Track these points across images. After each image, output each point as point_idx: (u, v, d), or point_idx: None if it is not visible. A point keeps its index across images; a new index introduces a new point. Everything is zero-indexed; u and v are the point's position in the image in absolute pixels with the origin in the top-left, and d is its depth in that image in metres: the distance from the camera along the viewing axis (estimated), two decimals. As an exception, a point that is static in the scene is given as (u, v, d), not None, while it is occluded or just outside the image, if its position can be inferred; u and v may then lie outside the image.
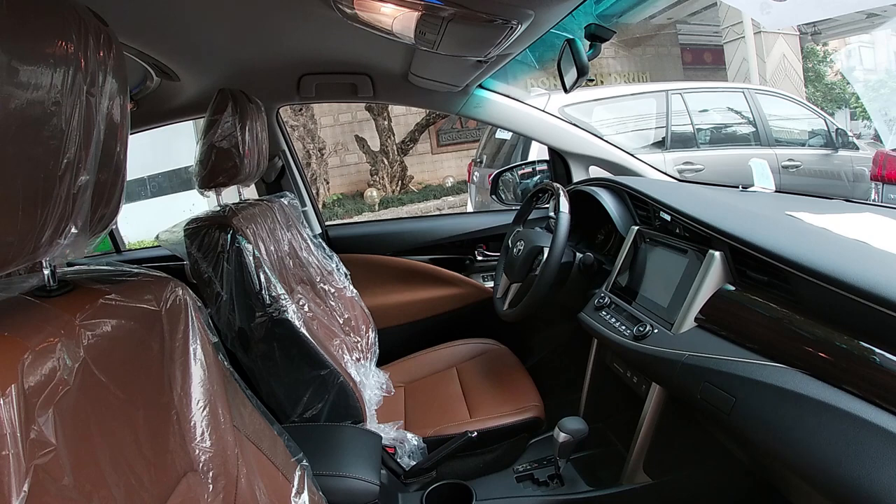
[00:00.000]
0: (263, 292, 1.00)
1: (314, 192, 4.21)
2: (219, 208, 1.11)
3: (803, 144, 4.12)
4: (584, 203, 1.34)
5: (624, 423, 1.16)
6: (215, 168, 1.07)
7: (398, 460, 1.14)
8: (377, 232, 1.79)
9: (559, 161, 1.68)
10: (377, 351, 1.42)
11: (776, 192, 1.38)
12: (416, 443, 1.17)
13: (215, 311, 1.02)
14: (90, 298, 0.48)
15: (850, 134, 4.25)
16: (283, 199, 1.34)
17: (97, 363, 0.45)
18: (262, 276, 1.00)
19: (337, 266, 1.45)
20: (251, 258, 1.00)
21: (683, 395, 0.86)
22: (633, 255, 1.15)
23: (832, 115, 5.96)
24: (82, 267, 0.55)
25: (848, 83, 8.23)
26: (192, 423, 0.55)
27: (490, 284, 1.70)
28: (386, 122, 7.62)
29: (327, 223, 1.74)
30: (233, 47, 1.27)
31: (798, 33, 7.29)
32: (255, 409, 0.68)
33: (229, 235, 0.99)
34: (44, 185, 0.40)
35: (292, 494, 0.65)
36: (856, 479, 0.55)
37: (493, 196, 1.92)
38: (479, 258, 1.75)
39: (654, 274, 1.07)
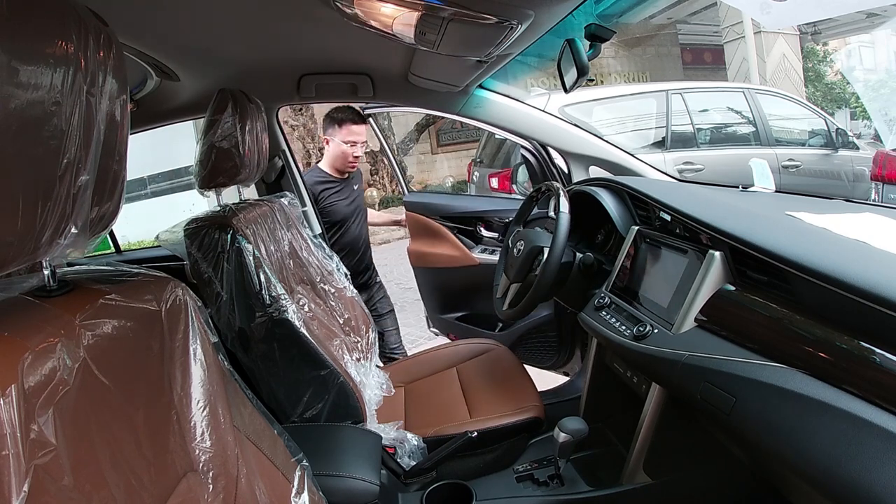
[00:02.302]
0: (263, 292, 1.00)
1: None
2: (219, 208, 1.11)
3: (803, 144, 4.13)
4: (584, 203, 1.34)
5: (624, 423, 1.16)
6: (215, 168, 1.07)
7: (398, 460, 1.15)
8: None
9: (537, 161, 1.78)
10: (377, 351, 1.42)
11: (776, 192, 1.38)
12: (416, 443, 1.17)
13: (215, 311, 1.02)
14: (90, 298, 0.48)
15: (850, 134, 4.25)
16: (283, 200, 1.34)
17: (97, 363, 0.45)
18: (262, 276, 1.00)
19: (337, 266, 1.45)
20: (251, 258, 1.00)
21: (683, 395, 0.86)
22: (633, 255, 1.15)
23: (832, 115, 5.96)
24: (82, 267, 0.55)
25: (848, 83, 8.24)
26: (192, 423, 0.55)
27: (484, 256, 1.90)
28: (386, 122, 7.62)
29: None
30: (233, 47, 1.27)
31: (798, 33, 7.29)
32: (255, 409, 0.68)
33: (229, 235, 0.99)
34: (44, 185, 0.40)
35: (292, 494, 0.65)
36: (855, 479, 0.55)
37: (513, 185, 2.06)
38: (485, 233, 1.99)
39: (654, 274, 1.07)
